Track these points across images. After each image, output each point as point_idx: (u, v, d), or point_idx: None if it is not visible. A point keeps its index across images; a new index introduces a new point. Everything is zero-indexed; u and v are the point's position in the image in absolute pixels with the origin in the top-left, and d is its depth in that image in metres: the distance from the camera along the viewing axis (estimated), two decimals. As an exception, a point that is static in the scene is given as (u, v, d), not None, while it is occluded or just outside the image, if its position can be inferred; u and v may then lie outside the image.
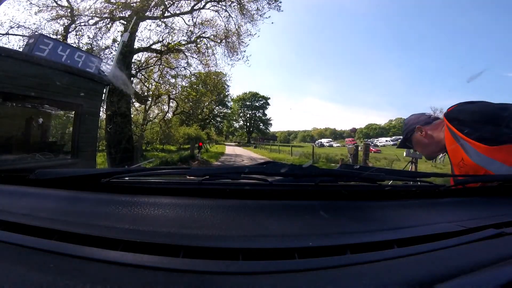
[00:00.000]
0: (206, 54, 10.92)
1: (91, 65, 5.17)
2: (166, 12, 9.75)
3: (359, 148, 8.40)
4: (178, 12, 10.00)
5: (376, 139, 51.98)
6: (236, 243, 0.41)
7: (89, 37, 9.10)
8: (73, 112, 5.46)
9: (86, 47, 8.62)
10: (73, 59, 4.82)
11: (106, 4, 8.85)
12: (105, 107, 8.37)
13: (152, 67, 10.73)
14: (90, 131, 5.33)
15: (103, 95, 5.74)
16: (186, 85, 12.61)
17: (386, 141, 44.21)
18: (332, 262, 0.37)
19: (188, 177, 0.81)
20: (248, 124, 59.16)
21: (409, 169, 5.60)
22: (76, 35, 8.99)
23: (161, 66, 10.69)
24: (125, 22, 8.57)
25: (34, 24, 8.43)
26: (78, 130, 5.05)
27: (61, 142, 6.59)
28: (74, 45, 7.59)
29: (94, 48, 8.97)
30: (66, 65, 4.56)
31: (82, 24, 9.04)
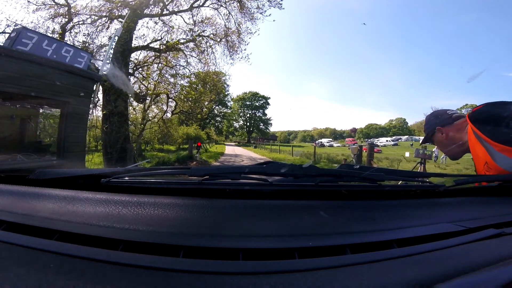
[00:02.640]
0: (206, 53, 10.88)
1: (80, 61, 4.86)
2: (165, 9, 9.70)
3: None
4: (177, 10, 9.96)
5: (376, 139, 51.96)
6: (236, 243, 0.41)
7: (84, 35, 9.03)
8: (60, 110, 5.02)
9: (81, 45, 8.51)
10: (59, 54, 4.53)
11: (104, 3, 8.80)
12: (101, 106, 8.30)
13: (150, 66, 10.65)
14: (78, 130, 4.98)
15: (93, 92, 5.38)
16: (186, 84, 12.56)
17: (387, 141, 44.10)
18: (332, 262, 0.37)
19: (188, 177, 0.81)
20: (248, 124, 59.20)
21: (418, 170, 5.53)
22: (70, 33, 8.91)
23: (159, 64, 10.64)
24: (123, 21, 8.50)
25: (32, 22, 8.37)
26: (64, 129, 4.71)
27: (47, 142, 6.22)
28: (70, 43, 7.43)
29: (90, 46, 8.90)
30: (49, 60, 4.26)
31: (80, 22, 9.00)
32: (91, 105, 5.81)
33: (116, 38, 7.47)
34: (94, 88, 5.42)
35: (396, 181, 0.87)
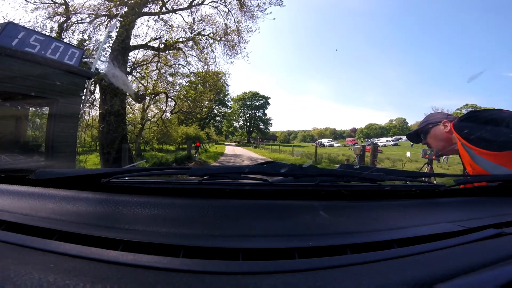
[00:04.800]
0: (205, 51, 10.81)
1: (71, 57, 4.65)
2: (164, 8, 9.64)
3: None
4: (176, 8, 9.89)
5: (376, 139, 51.88)
6: (236, 243, 0.41)
7: (81, 32, 8.95)
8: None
9: (79, 44, 8.42)
10: (48, 50, 4.33)
11: (103, 1, 8.74)
12: (98, 105, 8.20)
13: (148, 64, 10.56)
14: (68, 130, 4.72)
15: (84, 89, 5.10)
16: (185, 83, 12.50)
17: (387, 141, 44.02)
18: (332, 262, 0.37)
19: (188, 177, 0.81)
20: (248, 124, 59.21)
21: (425, 170, 5.48)
22: (67, 31, 8.83)
23: (158, 64, 10.57)
24: (122, 19, 8.43)
25: (30, 21, 8.27)
26: (53, 128, 4.46)
27: (35, 142, 6.02)
28: (68, 42, 7.22)
29: (89, 45, 8.85)
30: (35, 55, 4.04)
31: (79, 21, 8.92)
32: (87, 104, 5.60)
33: (111, 34, 7.35)
34: (86, 85, 5.19)
35: (396, 181, 0.87)
